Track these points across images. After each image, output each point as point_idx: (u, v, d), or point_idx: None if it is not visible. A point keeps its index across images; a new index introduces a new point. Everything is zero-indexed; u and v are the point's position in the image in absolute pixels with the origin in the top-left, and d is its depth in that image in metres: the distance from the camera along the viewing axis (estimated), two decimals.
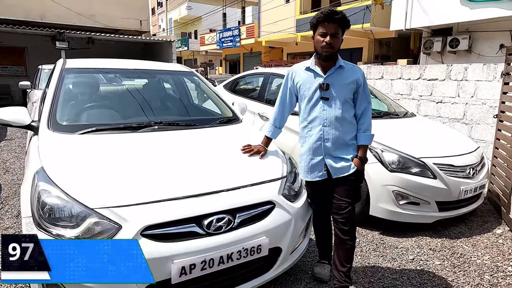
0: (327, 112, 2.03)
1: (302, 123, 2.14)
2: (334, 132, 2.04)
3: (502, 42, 9.59)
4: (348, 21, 1.98)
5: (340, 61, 2.05)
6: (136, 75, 3.09)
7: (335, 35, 1.95)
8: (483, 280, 2.46)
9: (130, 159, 1.98)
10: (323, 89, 2.02)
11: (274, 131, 2.30)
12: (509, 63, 3.85)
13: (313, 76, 2.06)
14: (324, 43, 1.94)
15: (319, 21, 1.95)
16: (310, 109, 2.07)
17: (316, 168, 2.10)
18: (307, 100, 2.08)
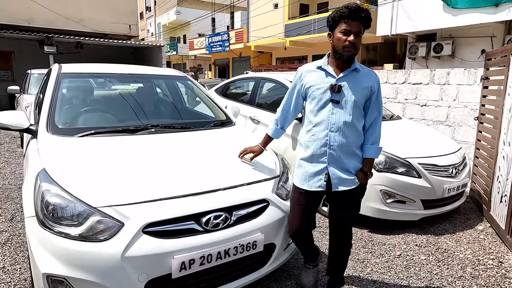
0: (336, 116, 1.85)
1: (307, 126, 1.95)
2: (341, 139, 1.86)
3: (484, 48, 9.94)
4: (371, 20, 1.80)
5: (356, 63, 1.88)
6: (131, 80, 3.16)
7: (359, 33, 1.78)
8: (465, 273, 2.59)
9: (130, 160, 2.05)
10: (335, 90, 1.83)
11: (277, 131, 2.16)
12: (488, 68, 4.05)
13: (325, 76, 1.88)
14: (347, 42, 1.76)
15: (343, 17, 1.76)
16: (318, 111, 1.89)
17: (316, 177, 1.91)
18: (315, 101, 1.89)
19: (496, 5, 8.62)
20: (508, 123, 3.17)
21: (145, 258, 1.62)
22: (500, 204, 3.21)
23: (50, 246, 1.62)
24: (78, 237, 1.62)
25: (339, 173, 1.89)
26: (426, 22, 10.16)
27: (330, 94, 1.85)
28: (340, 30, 1.79)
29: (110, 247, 1.60)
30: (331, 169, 1.89)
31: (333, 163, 1.89)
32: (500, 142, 3.35)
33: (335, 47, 1.83)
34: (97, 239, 1.61)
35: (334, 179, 1.89)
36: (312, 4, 16.80)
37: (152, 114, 2.82)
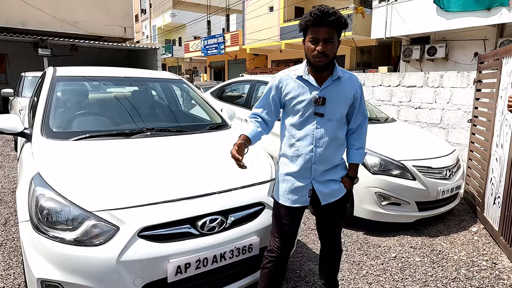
0: (321, 131, 1.73)
1: (288, 140, 1.80)
2: (326, 153, 1.75)
3: (477, 50, 10.06)
4: (345, 22, 1.64)
5: (338, 70, 1.75)
6: (127, 83, 3.16)
7: (329, 40, 1.61)
8: (459, 274, 2.61)
9: (125, 163, 2.04)
10: (319, 103, 1.69)
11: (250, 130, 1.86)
12: (481, 71, 4.10)
13: (307, 88, 1.73)
14: (316, 51, 1.62)
15: (308, 25, 1.63)
16: (301, 125, 1.75)
17: (299, 192, 1.78)
18: (298, 115, 1.74)
19: (488, 9, 8.74)
20: (501, 126, 3.21)
21: (141, 262, 1.62)
22: (494, 206, 3.25)
23: (44, 251, 1.61)
24: (73, 242, 1.61)
25: (326, 186, 1.78)
26: (420, 25, 10.26)
27: (313, 107, 1.71)
28: (308, 39, 1.65)
29: (105, 251, 1.59)
30: (317, 184, 1.77)
31: (318, 178, 1.77)
32: (493, 144, 3.39)
33: (307, 56, 1.70)
34: (92, 243, 1.61)
35: (321, 193, 1.78)
36: (307, 7, 16.88)
37: (147, 118, 2.82)
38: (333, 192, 1.80)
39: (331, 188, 1.79)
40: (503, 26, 9.56)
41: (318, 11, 1.59)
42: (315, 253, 2.87)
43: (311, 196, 1.80)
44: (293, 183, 1.78)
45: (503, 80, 3.26)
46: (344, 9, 13.13)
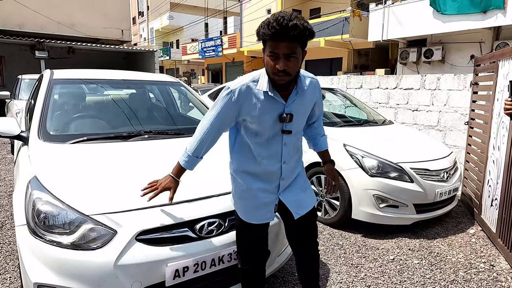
0: (288, 148, 1.62)
1: (252, 158, 1.62)
2: (292, 166, 1.69)
3: (473, 53, 10.13)
4: (310, 32, 1.40)
5: (303, 81, 1.58)
6: (124, 86, 3.15)
7: (291, 56, 1.39)
8: (457, 277, 2.62)
9: (123, 166, 2.03)
10: (287, 121, 1.54)
11: (192, 161, 1.67)
12: (477, 74, 4.12)
13: (271, 103, 1.52)
14: (276, 69, 1.40)
15: (267, 37, 1.38)
16: (267, 145, 1.59)
17: (265, 208, 1.67)
18: (264, 135, 1.57)
19: (484, 12, 8.81)
20: (497, 128, 3.23)
21: (138, 266, 1.61)
22: (491, 208, 3.26)
23: (41, 255, 1.60)
24: (70, 246, 1.60)
25: (295, 198, 1.70)
26: (416, 28, 10.33)
27: (280, 125, 1.56)
28: (267, 53, 1.41)
29: (102, 255, 1.58)
30: (286, 198, 1.68)
31: (287, 191, 1.69)
32: (490, 147, 3.40)
33: (267, 71, 1.47)
34: (90, 247, 1.60)
35: (292, 207, 1.68)
36: (304, 10, 16.95)
37: (145, 120, 2.81)
38: (304, 202, 1.72)
39: (299, 197, 1.71)
40: (499, 29, 9.63)
41: (276, 24, 1.33)
42: None
43: (282, 210, 1.73)
44: (259, 200, 1.65)
45: (500, 82, 3.28)
46: (341, 11, 13.19)
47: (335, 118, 4.38)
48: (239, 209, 1.73)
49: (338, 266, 2.73)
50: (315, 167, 3.55)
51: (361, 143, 3.44)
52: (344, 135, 3.63)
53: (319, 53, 15.01)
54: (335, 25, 13.00)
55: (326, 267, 2.71)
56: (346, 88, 6.52)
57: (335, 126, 3.95)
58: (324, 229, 3.38)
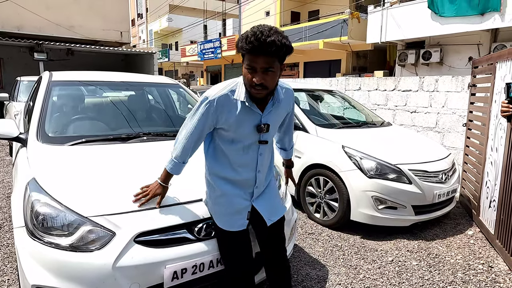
0: (263, 157, 1.66)
1: (227, 164, 1.65)
2: (265, 174, 1.74)
3: (471, 55, 10.17)
4: (288, 48, 1.41)
5: (278, 91, 1.61)
6: (123, 87, 3.15)
7: (268, 70, 1.42)
8: (456, 278, 2.62)
9: (121, 168, 2.03)
10: (264, 131, 1.58)
11: (177, 166, 1.71)
12: (475, 75, 4.14)
13: (248, 113, 1.55)
14: (252, 81, 1.43)
15: (245, 51, 1.40)
16: (243, 153, 1.63)
17: (237, 215, 1.69)
18: (240, 144, 1.61)
19: (481, 14, 8.85)
20: (495, 130, 3.24)
21: (137, 268, 1.60)
22: (489, 209, 3.27)
23: (39, 257, 1.59)
24: (69, 247, 1.60)
25: (268, 205, 1.75)
26: (414, 30, 10.37)
27: (257, 135, 1.60)
28: (245, 66, 1.44)
29: (101, 257, 1.58)
30: (259, 205, 1.71)
31: (260, 198, 1.73)
32: (488, 148, 3.41)
33: (245, 83, 1.50)
34: (88, 249, 1.59)
35: (265, 214, 1.72)
36: (303, 12, 17.01)
37: (144, 122, 2.81)
38: (276, 209, 1.79)
39: (272, 204, 1.77)
40: (496, 31, 9.68)
41: (254, 39, 1.35)
42: (312, 258, 2.87)
43: (253, 218, 1.75)
44: (233, 206, 1.68)
45: (497, 84, 3.29)
46: (340, 14, 13.24)
47: (333, 120, 4.39)
48: (214, 214, 1.75)
49: (337, 267, 2.73)
50: (313, 169, 3.56)
51: (359, 144, 3.44)
52: (343, 136, 3.63)
53: (318, 55, 15.05)
54: (333, 27, 13.06)
55: (324, 268, 2.71)
56: (345, 90, 6.54)
57: (334, 127, 3.96)
58: (323, 231, 3.38)
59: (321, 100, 5.13)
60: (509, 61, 3.01)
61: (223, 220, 1.71)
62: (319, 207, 3.56)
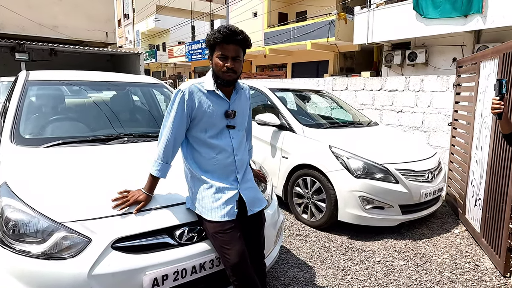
0: (236, 141, 1.80)
1: (205, 155, 1.75)
2: (243, 160, 1.84)
3: (455, 56, 10.33)
4: (249, 41, 1.73)
5: (239, 84, 1.84)
6: (104, 87, 3.05)
7: (237, 58, 1.69)
8: (443, 277, 2.61)
9: (100, 171, 1.95)
10: (231, 117, 1.77)
11: (163, 168, 1.75)
12: (460, 75, 4.18)
13: (217, 102, 1.75)
14: (225, 68, 1.67)
15: (217, 42, 1.66)
16: (217, 139, 1.76)
17: (227, 204, 1.73)
18: (212, 129, 1.75)
19: (465, 16, 9.00)
20: (480, 128, 3.26)
21: (114, 275, 1.53)
22: (475, 208, 3.28)
23: (10, 266, 1.50)
24: (41, 255, 1.51)
25: (251, 195, 1.82)
26: (400, 31, 10.48)
27: (225, 120, 1.77)
28: (217, 55, 1.69)
29: (76, 265, 1.50)
30: (244, 193, 1.79)
31: (245, 189, 1.81)
32: (473, 147, 3.43)
33: (216, 72, 1.72)
34: (62, 257, 1.51)
35: (248, 203, 1.80)
36: (290, 13, 17.03)
37: (125, 123, 2.72)
38: (257, 199, 1.86)
39: (255, 195, 1.86)
40: (479, 33, 9.86)
41: (227, 30, 1.65)
42: (300, 259, 2.83)
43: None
44: (221, 196, 1.74)
45: (481, 83, 3.31)
46: (327, 15, 13.30)
47: (320, 120, 4.37)
48: (203, 209, 1.75)
49: (324, 269, 2.70)
50: (300, 169, 3.52)
51: (346, 144, 3.42)
52: (330, 136, 3.61)
53: (305, 56, 15.10)
54: (321, 28, 13.10)
55: (312, 270, 2.67)
56: (332, 90, 6.55)
57: (321, 127, 3.94)
58: (310, 232, 3.34)
59: (308, 100, 5.10)
60: (493, 60, 3.03)
61: (212, 212, 1.72)
62: (306, 208, 3.52)
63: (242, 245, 1.73)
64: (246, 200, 1.79)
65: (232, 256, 1.69)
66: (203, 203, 1.74)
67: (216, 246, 1.74)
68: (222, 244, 1.71)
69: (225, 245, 1.70)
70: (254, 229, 1.87)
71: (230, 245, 1.70)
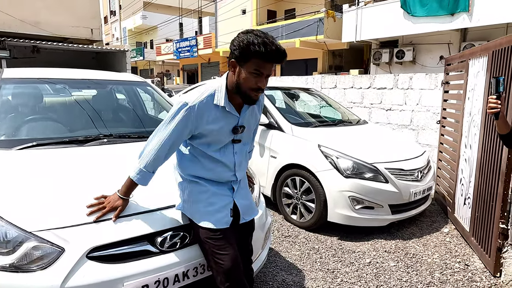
0: (239, 156, 1.68)
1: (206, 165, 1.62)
2: (243, 172, 1.75)
3: (442, 54, 10.42)
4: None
5: None
6: (83, 85, 2.91)
7: (269, 75, 1.50)
8: (433, 278, 2.58)
9: (75, 175, 1.83)
10: (239, 132, 1.62)
11: (146, 176, 1.60)
12: (448, 73, 4.16)
13: (226, 118, 1.56)
14: (257, 86, 1.46)
15: (257, 55, 1.39)
16: (220, 154, 1.62)
17: (221, 212, 1.63)
18: (217, 145, 1.61)
19: (451, 14, 9.06)
20: (469, 127, 3.24)
21: (90, 287, 1.42)
22: (464, 206, 3.26)
23: None
24: (9, 267, 1.40)
25: (246, 203, 1.74)
26: (388, 29, 10.50)
27: (232, 135, 1.61)
28: (250, 70, 1.43)
29: (47, 277, 1.39)
30: (239, 202, 1.69)
31: (239, 196, 1.71)
32: (462, 145, 3.42)
33: (241, 86, 1.48)
34: (31, 269, 1.40)
35: (242, 211, 1.71)
36: (279, 10, 16.95)
37: (105, 123, 2.58)
38: (250, 208, 1.77)
39: (249, 203, 1.76)
40: (465, 31, 9.95)
41: (274, 47, 1.39)
42: (289, 262, 2.76)
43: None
44: (215, 202, 1.63)
45: (470, 81, 3.29)
46: (315, 13, 13.26)
47: (309, 118, 4.31)
48: (196, 214, 1.64)
49: (314, 272, 2.63)
50: (289, 169, 3.45)
51: (335, 143, 3.36)
52: (319, 135, 3.55)
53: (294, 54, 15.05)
54: (309, 26, 13.06)
55: (301, 273, 2.60)
56: (321, 88, 6.50)
57: (310, 126, 3.87)
58: (299, 233, 3.28)
59: (297, 99, 5.03)
60: (482, 58, 3.00)
61: (205, 218, 1.61)
62: (295, 209, 3.46)
63: (236, 250, 1.64)
64: (240, 208, 1.70)
65: (226, 261, 1.60)
66: (196, 207, 1.64)
67: (208, 252, 1.63)
68: (215, 249, 1.61)
69: (218, 250, 1.61)
70: (243, 236, 1.79)
71: (223, 250, 1.60)
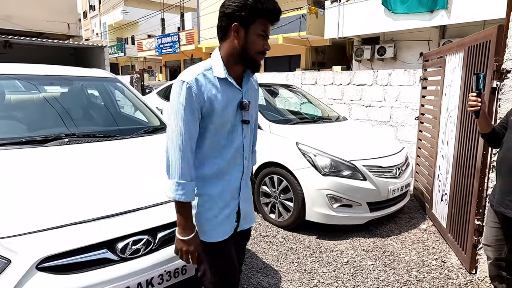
0: (247, 140, 1.44)
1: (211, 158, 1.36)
2: (249, 164, 1.51)
3: (422, 51, 10.53)
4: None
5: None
6: (48, 82, 2.75)
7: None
8: (411, 277, 2.55)
9: (28, 179, 1.70)
10: (246, 109, 1.39)
11: (189, 189, 1.28)
12: (426, 69, 4.17)
13: (229, 90, 1.35)
14: (264, 48, 1.34)
15: (265, 14, 1.29)
16: (228, 138, 1.38)
17: (228, 220, 1.41)
18: (224, 127, 1.36)
19: (431, 11, 9.16)
20: (446, 123, 3.24)
21: None
22: (441, 203, 3.27)
23: None
24: None
25: (247, 210, 1.51)
26: (369, 26, 10.55)
27: (240, 113, 1.39)
28: (258, 32, 1.31)
29: None
30: (242, 205, 1.46)
31: (243, 200, 1.47)
32: (439, 141, 3.42)
33: (248, 51, 1.32)
34: None
35: (243, 217, 1.49)
36: None
37: (70, 121, 2.44)
38: (250, 214, 1.54)
39: (250, 209, 1.53)
40: (444, 28, 10.09)
41: (277, 6, 1.32)
42: (265, 263, 2.69)
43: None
44: (223, 209, 1.39)
45: (447, 77, 3.29)
46: (298, 9, 13.20)
47: (288, 115, 4.24)
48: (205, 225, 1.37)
49: (290, 273, 2.57)
50: (267, 167, 3.37)
51: (314, 141, 3.31)
52: (297, 132, 3.48)
53: (277, 50, 14.96)
54: (292, 23, 12.99)
55: (278, 275, 2.53)
56: (301, 85, 6.44)
57: (289, 123, 3.80)
58: (278, 233, 3.21)
59: (276, 95, 4.96)
60: (458, 53, 2.99)
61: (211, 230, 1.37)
62: (274, 208, 3.39)
63: (234, 255, 1.47)
64: (242, 214, 1.47)
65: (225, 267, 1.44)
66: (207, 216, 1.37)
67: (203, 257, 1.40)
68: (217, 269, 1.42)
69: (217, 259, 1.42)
70: (238, 244, 1.56)
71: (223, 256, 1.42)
